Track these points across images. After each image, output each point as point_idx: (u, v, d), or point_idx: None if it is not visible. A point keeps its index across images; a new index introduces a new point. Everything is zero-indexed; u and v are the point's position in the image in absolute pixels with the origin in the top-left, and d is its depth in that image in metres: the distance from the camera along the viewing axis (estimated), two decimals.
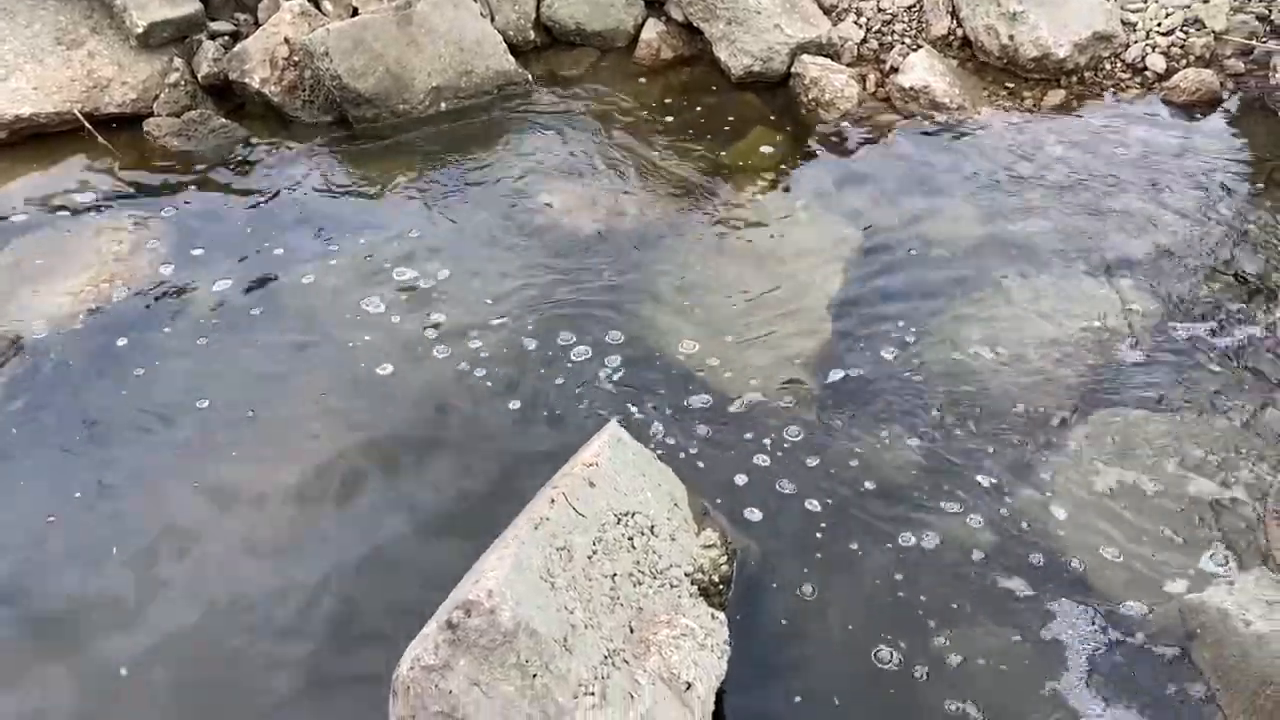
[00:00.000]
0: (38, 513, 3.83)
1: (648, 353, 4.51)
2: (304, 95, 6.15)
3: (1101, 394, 4.30)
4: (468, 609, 2.45)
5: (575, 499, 3.11)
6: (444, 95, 6.24)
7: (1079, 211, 5.34)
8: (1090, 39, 6.23)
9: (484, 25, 6.37)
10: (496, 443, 4.11)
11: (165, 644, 3.40)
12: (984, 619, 3.45)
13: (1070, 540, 3.69)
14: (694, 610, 3.17)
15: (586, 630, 2.72)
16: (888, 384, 4.36)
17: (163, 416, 4.22)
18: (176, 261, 5.02)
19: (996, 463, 4.00)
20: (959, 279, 4.92)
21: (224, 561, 3.67)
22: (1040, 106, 6.19)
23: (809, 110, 6.25)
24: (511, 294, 4.82)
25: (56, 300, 4.77)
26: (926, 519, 3.79)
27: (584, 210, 5.42)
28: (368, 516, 3.84)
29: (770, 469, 3.98)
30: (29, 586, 3.58)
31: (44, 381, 4.37)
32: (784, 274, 4.96)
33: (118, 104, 6.01)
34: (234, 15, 6.48)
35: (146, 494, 3.92)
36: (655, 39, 6.79)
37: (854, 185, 5.62)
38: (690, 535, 3.47)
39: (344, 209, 5.43)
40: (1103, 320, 4.64)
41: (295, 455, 4.05)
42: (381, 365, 4.43)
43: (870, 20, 6.70)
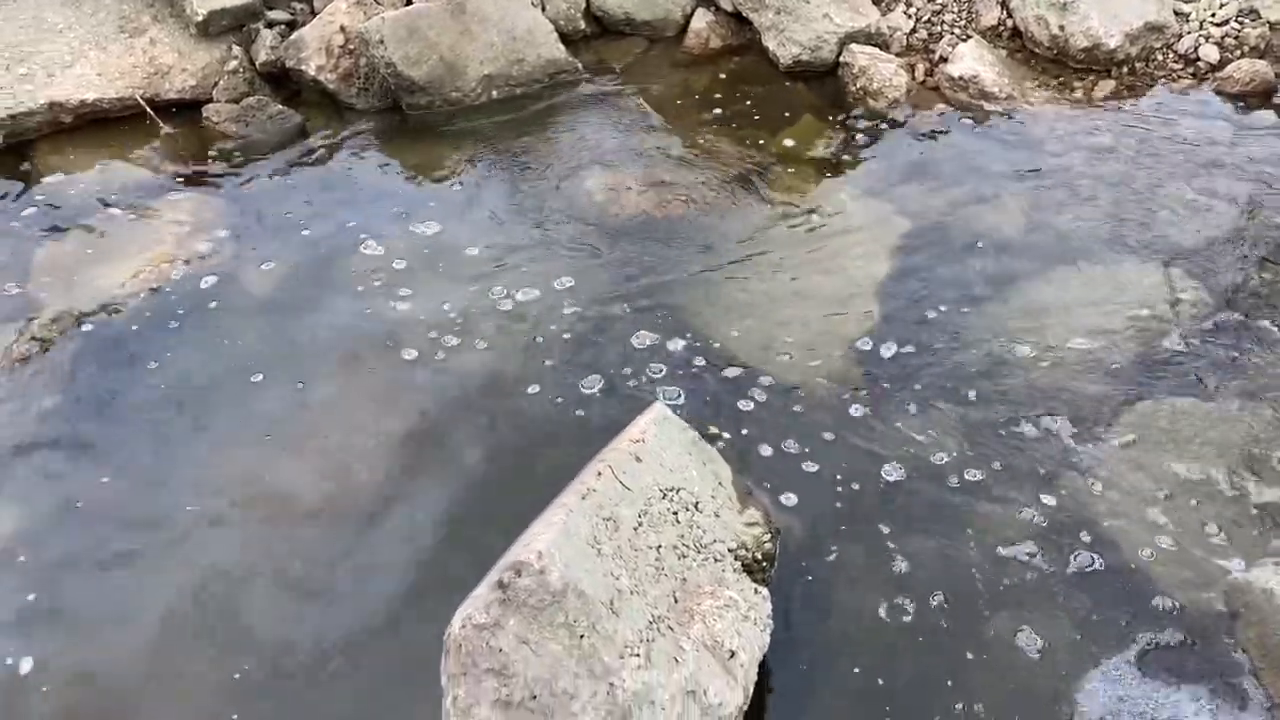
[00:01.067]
0: (97, 479, 3.95)
1: (694, 335, 4.56)
2: (359, 83, 6.26)
3: (1149, 383, 4.29)
4: (518, 569, 2.52)
5: (622, 472, 3.17)
6: (495, 83, 6.33)
7: (1128, 201, 5.31)
8: (1142, 29, 6.19)
9: (535, 14, 6.45)
10: (545, 420, 4.18)
11: (228, 592, 3.53)
12: (1029, 602, 3.46)
13: (1115, 526, 3.69)
14: (738, 584, 3.22)
15: (632, 596, 2.79)
16: (933, 370, 4.38)
17: (217, 389, 4.34)
18: (233, 244, 5.15)
19: (1042, 450, 4.01)
20: (1006, 267, 4.92)
21: (287, 522, 3.78)
22: (1090, 97, 6.16)
23: (857, 99, 6.26)
24: (559, 277, 4.88)
25: (118, 279, 4.90)
26: (971, 505, 3.81)
27: (632, 197, 5.48)
28: (419, 487, 3.92)
29: (814, 451, 4.02)
30: (99, 544, 3.71)
31: (106, 357, 4.50)
32: (830, 260, 4.99)
33: (178, 90, 6.16)
34: (291, 4, 6.61)
35: (206, 461, 4.04)
36: (704, 28, 6.83)
37: (901, 174, 5.63)
38: (734, 513, 3.51)
39: (397, 194, 5.53)
40: (1151, 309, 4.62)
41: (350, 428, 4.14)
42: (433, 344, 4.51)
43: (919, 10, 6.70)
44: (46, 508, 3.88)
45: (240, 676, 3.31)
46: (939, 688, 3.24)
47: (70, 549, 3.73)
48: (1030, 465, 3.93)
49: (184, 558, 3.69)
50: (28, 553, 3.71)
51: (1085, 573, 3.54)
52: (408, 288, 4.83)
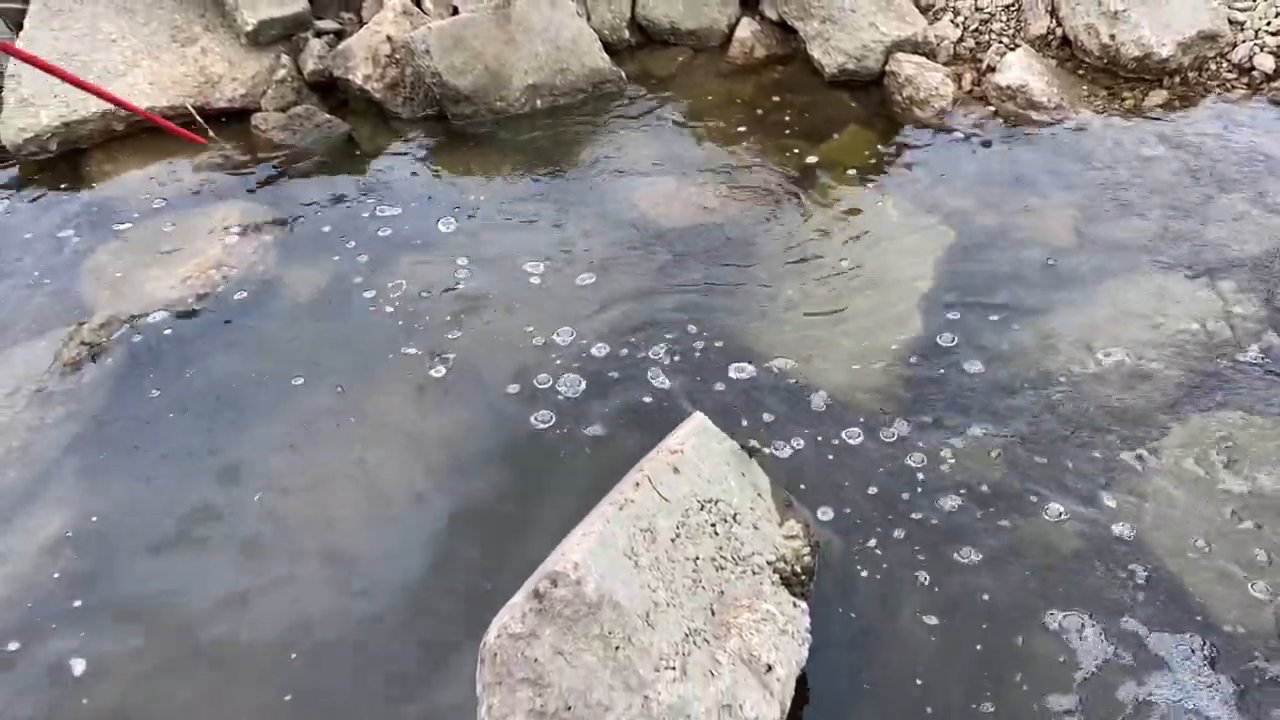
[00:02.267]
0: (142, 480, 4.01)
1: (736, 346, 4.54)
2: (404, 92, 6.31)
3: (1200, 397, 4.21)
4: (554, 579, 2.52)
5: (660, 483, 3.16)
6: (540, 93, 6.35)
7: (1179, 213, 5.22)
8: (1194, 38, 6.09)
9: (580, 24, 6.47)
10: (584, 429, 4.17)
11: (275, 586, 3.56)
12: (1073, 620, 3.41)
13: (1163, 543, 3.63)
14: (775, 597, 3.19)
15: (668, 608, 2.77)
16: (979, 381, 4.33)
17: (261, 394, 4.38)
18: (281, 250, 5.20)
19: (1089, 464, 3.94)
20: (1054, 278, 4.86)
21: (321, 524, 3.81)
22: (1141, 107, 6.07)
23: (903, 109, 6.22)
24: (601, 285, 4.89)
25: (167, 285, 4.97)
26: (1015, 519, 3.76)
27: (675, 206, 5.47)
28: (454, 491, 3.94)
29: (856, 463, 3.98)
30: (144, 542, 3.76)
31: (154, 361, 4.56)
32: (875, 270, 4.95)
33: (228, 99, 6.24)
34: (339, 14, 6.68)
35: (249, 463, 4.08)
36: (749, 38, 6.82)
37: (948, 183, 5.58)
38: (773, 525, 3.49)
39: (442, 203, 5.56)
40: (1202, 323, 4.54)
41: (390, 433, 4.17)
42: (475, 352, 4.52)
43: (967, 19, 6.64)
44: (94, 507, 3.93)
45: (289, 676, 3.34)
46: (979, 706, 3.19)
47: (116, 547, 3.78)
48: (1076, 480, 3.87)
49: (227, 555, 3.73)
50: (75, 551, 3.77)
51: (1132, 591, 3.48)
52: (452, 296, 4.85)
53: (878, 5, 6.43)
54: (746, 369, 4.42)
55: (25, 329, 4.75)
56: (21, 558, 3.74)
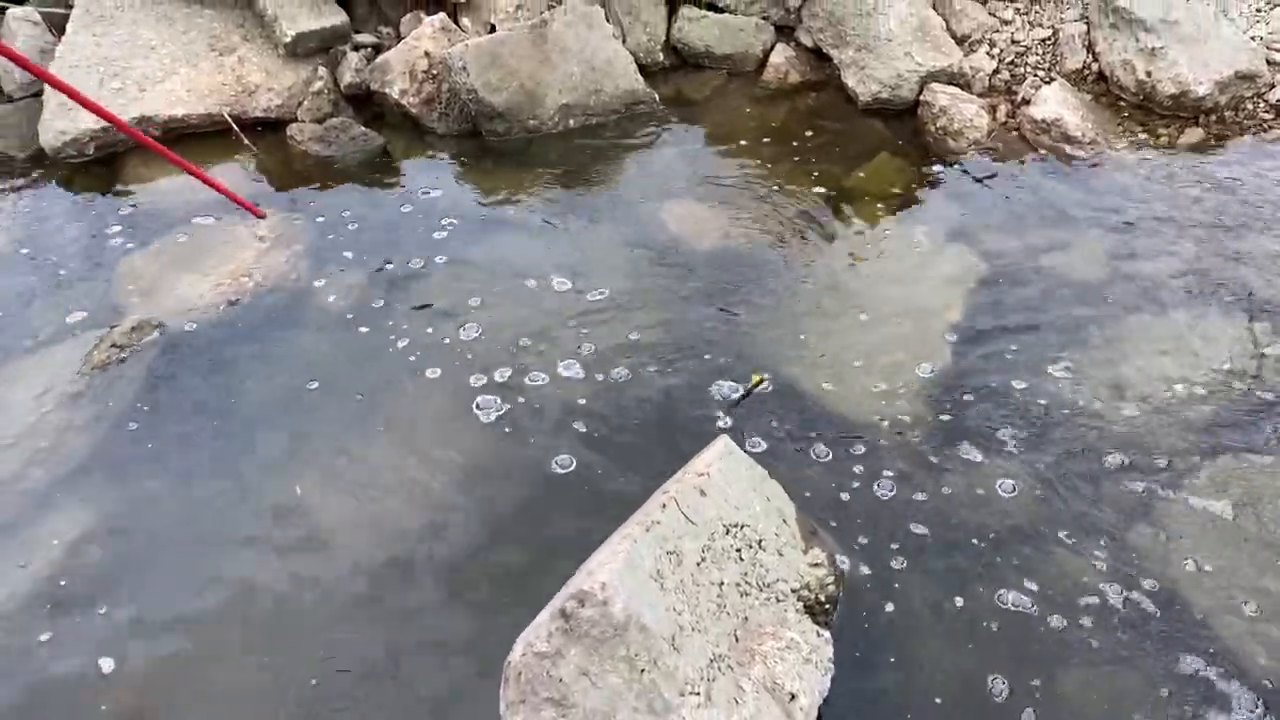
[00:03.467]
0: (168, 482, 4.02)
1: (764, 369, 4.52)
2: (440, 108, 6.35)
3: (1230, 437, 4.17)
4: (581, 599, 2.50)
5: (686, 506, 3.15)
6: (573, 112, 6.37)
7: (1213, 252, 5.19)
8: (1232, 78, 6.06)
9: (615, 45, 6.49)
10: (610, 449, 4.16)
11: (298, 590, 3.55)
12: (1096, 660, 3.37)
13: (1191, 585, 3.58)
14: (799, 625, 3.17)
15: (694, 633, 2.75)
16: (1006, 415, 4.30)
17: (288, 401, 4.40)
18: (313, 260, 5.23)
19: (1115, 501, 3.91)
20: (1085, 314, 4.82)
21: (346, 530, 3.81)
22: (1176, 145, 6.04)
23: (937, 139, 6.21)
24: (629, 308, 4.89)
25: (199, 290, 5.00)
26: (1040, 556, 3.72)
27: (705, 228, 5.47)
28: (483, 505, 3.93)
29: (881, 494, 3.96)
30: (169, 543, 3.77)
31: (183, 366, 4.59)
32: (904, 300, 4.94)
33: (264, 109, 6.29)
34: (377, 28, 6.73)
35: (272, 469, 4.09)
36: (783, 63, 6.83)
37: (980, 216, 5.56)
38: (798, 552, 3.47)
39: (473, 218, 5.58)
40: (1234, 363, 4.50)
41: (414, 443, 4.17)
42: (499, 368, 4.53)
43: (1003, 51, 6.64)
44: (119, 508, 3.95)
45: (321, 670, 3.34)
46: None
47: (139, 548, 3.80)
48: (1104, 516, 3.83)
49: (251, 557, 3.74)
50: (99, 550, 3.79)
51: (1157, 632, 3.43)
52: (480, 311, 4.86)
53: (914, 35, 6.43)
54: (772, 393, 4.40)
55: (57, 330, 4.79)
56: (47, 557, 3.76)
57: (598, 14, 6.42)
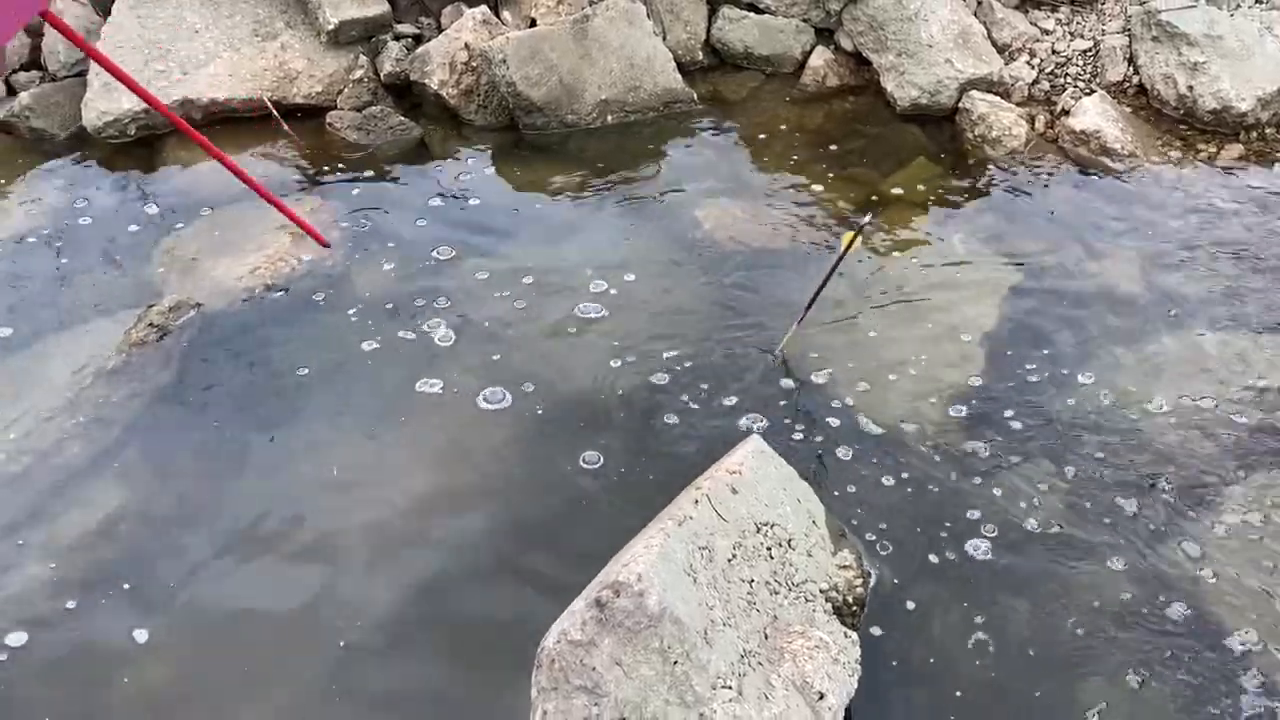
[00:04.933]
0: (201, 458, 4.08)
1: (794, 374, 4.53)
2: (478, 100, 6.38)
3: (1263, 456, 4.15)
4: (617, 589, 2.52)
5: (718, 502, 3.16)
6: (611, 109, 6.39)
7: (1250, 269, 5.16)
8: (1275, 94, 6.03)
9: (655, 43, 6.51)
10: (641, 446, 4.18)
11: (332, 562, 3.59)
12: (1120, 672, 3.36)
13: (1217, 603, 3.57)
14: (828, 626, 3.17)
15: (725, 628, 2.76)
16: (1036, 426, 4.28)
17: (321, 383, 4.45)
18: (349, 246, 5.27)
19: (1146, 516, 3.89)
20: (1118, 327, 4.81)
21: (376, 516, 3.84)
22: (1215, 160, 6.01)
23: (974, 146, 6.20)
24: (661, 305, 4.90)
25: (235, 273, 5.05)
26: (1067, 566, 3.71)
27: (740, 227, 5.48)
28: (517, 491, 3.97)
29: (911, 499, 3.96)
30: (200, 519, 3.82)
31: (219, 346, 4.64)
32: (937, 306, 4.93)
33: (304, 95, 6.34)
34: (419, 19, 6.77)
35: (305, 450, 4.15)
36: (822, 66, 6.83)
37: (1016, 224, 5.55)
38: (826, 554, 3.47)
39: (508, 211, 5.61)
40: (1268, 380, 4.48)
41: (448, 434, 4.20)
42: (535, 361, 4.55)
43: (1043, 61, 6.62)
44: (152, 486, 4.00)
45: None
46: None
47: (171, 526, 3.84)
48: (1132, 531, 3.82)
49: (279, 540, 3.78)
50: (131, 527, 3.83)
51: (1180, 648, 3.42)
52: (516, 302, 4.88)
53: (955, 42, 6.42)
54: (802, 395, 4.41)
55: (97, 308, 4.85)
56: (80, 531, 3.80)
57: (639, 11, 6.44)
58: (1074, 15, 6.89)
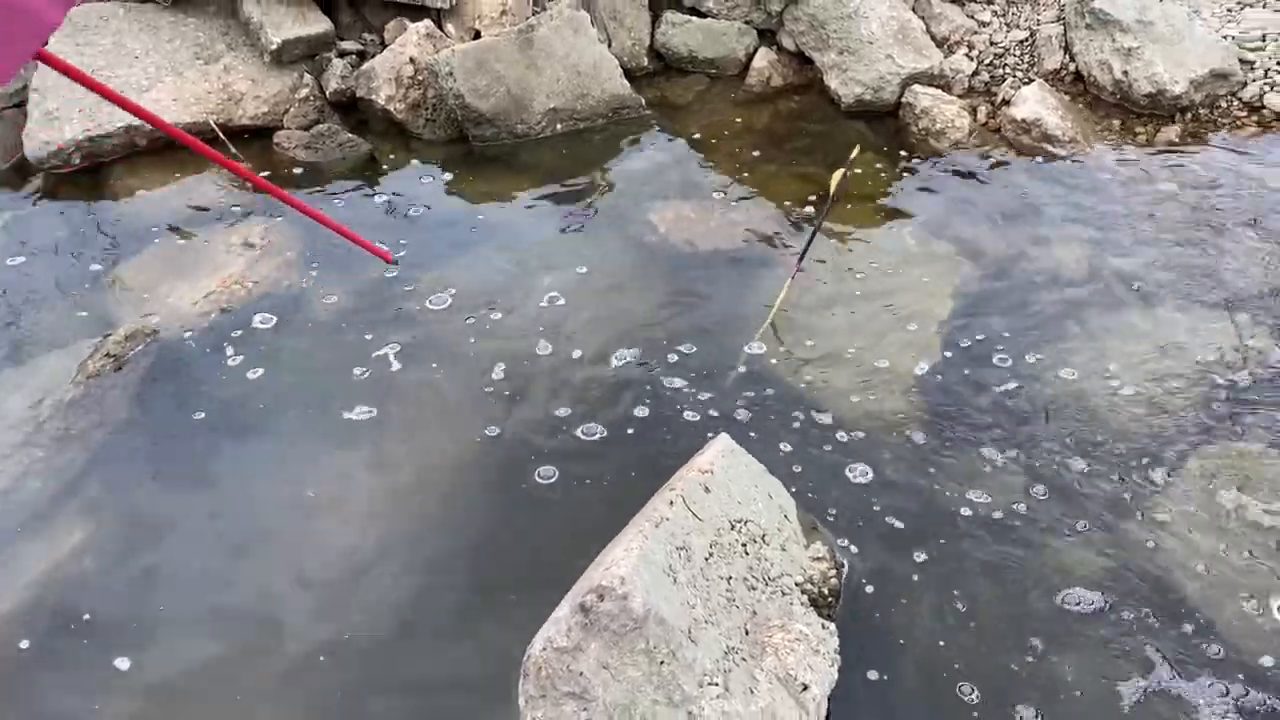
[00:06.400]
0: (162, 492, 4.03)
1: (755, 371, 4.57)
2: (426, 113, 6.37)
3: (1216, 428, 4.25)
4: (601, 594, 2.54)
5: (693, 502, 3.19)
6: (560, 117, 6.41)
7: (1192, 246, 5.29)
8: (1207, 76, 6.18)
9: (601, 50, 6.54)
10: (606, 452, 4.20)
11: (287, 615, 3.56)
12: (1093, 647, 3.43)
13: (1184, 572, 3.66)
14: (806, 618, 3.22)
15: (708, 625, 2.79)
16: (995, 410, 4.36)
17: (281, 410, 4.41)
18: (303, 267, 5.24)
19: (1105, 494, 3.98)
20: (1069, 310, 4.90)
21: (344, 538, 3.82)
22: (1153, 143, 6.15)
23: (919, 140, 6.30)
24: (620, 310, 4.93)
25: (190, 299, 5.00)
26: (1034, 545, 3.78)
27: (693, 230, 5.52)
28: (478, 512, 3.96)
29: (877, 489, 4.01)
30: (162, 554, 3.78)
31: (176, 375, 4.59)
32: (891, 298, 5.00)
33: (250, 116, 6.29)
34: (362, 35, 6.75)
35: (266, 476, 4.10)
36: (766, 67, 6.90)
37: (963, 214, 5.64)
38: (800, 547, 3.52)
39: (462, 224, 5.61)
40: (1218, 354, 4.59)
41: (408, 455, 4.19)
42: (492, 373, 4.55)
43: (982, 53, 6.73)
44: (114, 519, 3.95)
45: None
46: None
47: (134, 559, 3.80)
48: (1095, 507, 3.90)
49: (247, 570, 3.75)
50: (95, 562, 3.78)
51: (1151, 620, 3.50)
52: (472, 315, 4.88)
53: (894, 37, 6.52)
54: (766, 391, 4.46)
55: (50, 340, 4.78)
56: (42, 567, 3.75)
57: (584, 19, 6.47)
58: (1009, 6, 7.02)
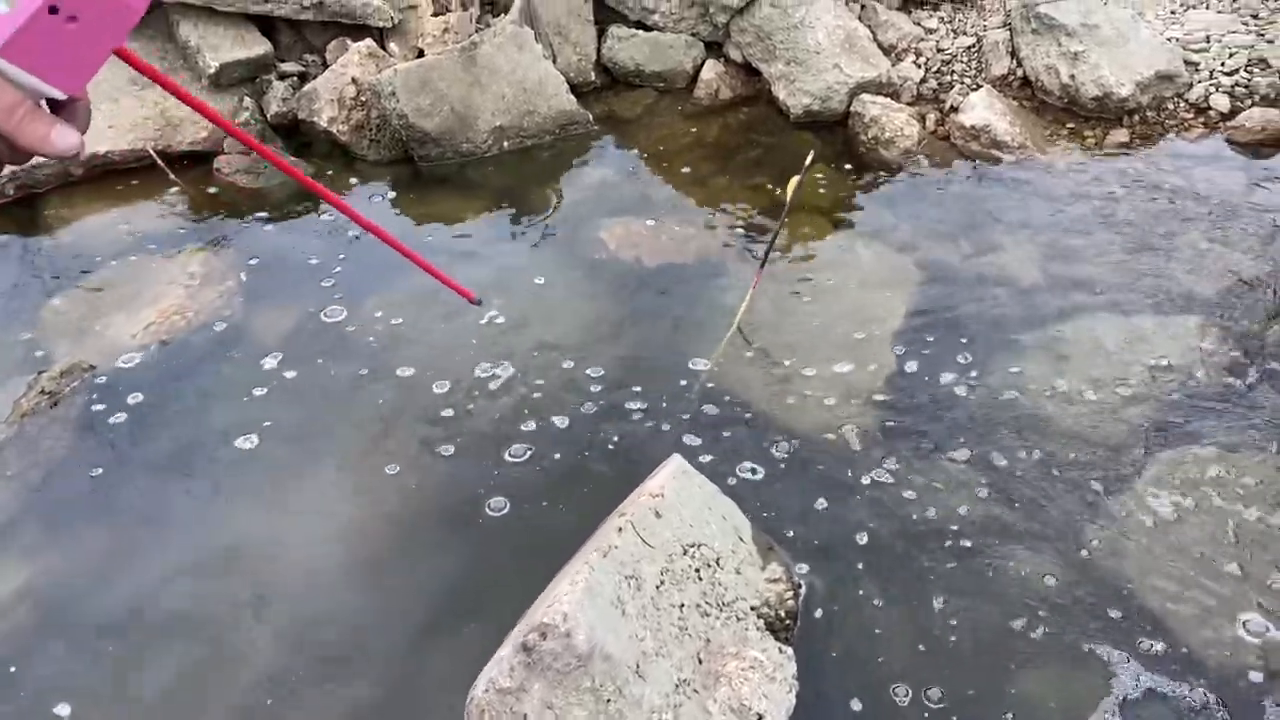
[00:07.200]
0: (102, 535, 3.90)
1: (708, 387, 4.51)
2: (370, 134, 6.27)
3: (1170, 433, 4.23)
4: (543, 631, 2.45)
5: (643, 529, 3.11)
6: (507, 135, 6.33)
7: (1143, 250, 5.28)
8: (1153, 79, 6.20)
9: (546, 66, 6.46)
10: (559, 476, 4.11)
11: (233, 657, 3.44)
12: (1058, 661, 3.38)
13: (1145, 581, 3.62)
14: (761, 643, 3.14)
15: (657, 658, 2.71)
16: (952, 420, 4.32)
17: (225, 445, 4.28)
18: (244, 296, 5.12)
19: (1062, 502, 3.94)
20: (1022, 317, 4.88)
21: (284, 587, 3.71)
22: (1102, 146, 6.16)
23: (869, 149, 6.27)
24: (568, 330, 4.85)
25: (129, 332, 4.87)
26: (991, 557, 3.74)
27: (644, 246, 5.46)
28: (428, 547, 3.86)
29: (833, 505, 3.95)
30: (103, 600, 3.65)
31: (115, 411, 4.45)
32: (844, 310, 4.96)
33: (189, 142, 6.17)
34: (303, 56, 6.64)
35: (210, 518, 3.98)
36: (714, 79, 6.85)
37: (915, 223, 5.61)
38: (756, 569, 3.44)
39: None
40: (1172, 358, 4.58)
41: (357, 488, 4.09)
42: (442, 399, 4.46)
43: (930, 60, 6.72)
44: (55, 562, 3.81)
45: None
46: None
47: (75, 605, 3.66)
48: (1055, 518, 3.86)
49: (183, 614, 3.62)
50: (32, 610, 3.64)
51: (1115, 631, 3.46)
52: (419, 340, 4.79)
53: (841, 47, 6.49)
54: (719, 408, 4.39)
55: None
56: None
57: (527, 35, 6.39)
58: (956, 12, 7.03)
